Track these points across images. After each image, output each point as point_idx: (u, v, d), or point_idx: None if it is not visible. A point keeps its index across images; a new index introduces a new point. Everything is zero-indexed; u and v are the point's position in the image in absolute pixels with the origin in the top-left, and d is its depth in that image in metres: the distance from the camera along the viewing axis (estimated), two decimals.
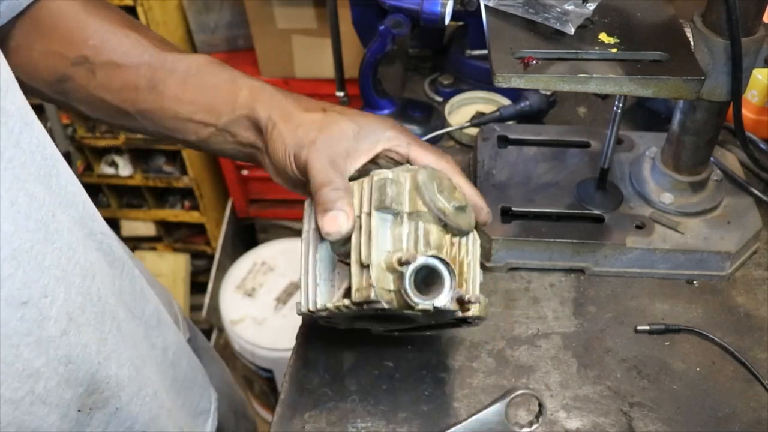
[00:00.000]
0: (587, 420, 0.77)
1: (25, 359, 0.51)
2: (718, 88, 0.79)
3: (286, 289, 1.98)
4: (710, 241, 0.89)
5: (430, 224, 0.57)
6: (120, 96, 0.69)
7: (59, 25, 0.67)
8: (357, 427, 0.77)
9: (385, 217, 0.57)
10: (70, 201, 0.57)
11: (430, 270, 0.54)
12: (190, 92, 0.69)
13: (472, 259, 0.61)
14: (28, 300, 0.50)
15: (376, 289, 0.54)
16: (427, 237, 0.56)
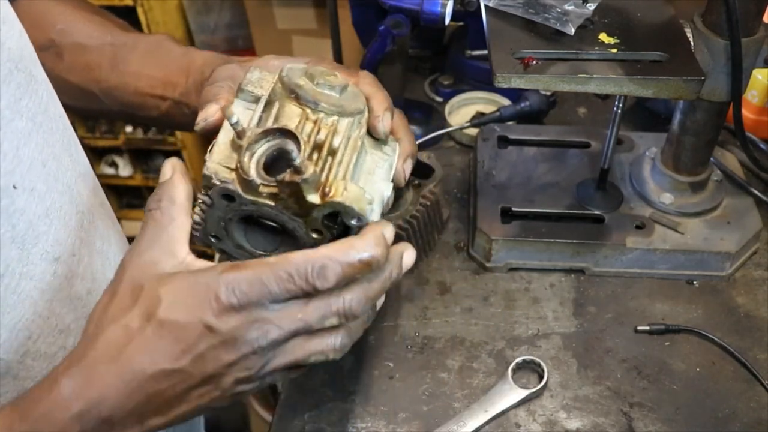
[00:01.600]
0: (587, 420, 0.77)
1: (58, 315, 0.54)
2: (718, 89, 0.79)
3: None
4: (710, 241, 0.89)
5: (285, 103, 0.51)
6: (85, 76, 0.71)
7: (28, 11, 0.68)
8: (357, 428, 0.77)
9: (245, 104, 0.54)
10: (86, 171, 0.62)
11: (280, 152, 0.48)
12: (148, 68, 0.70)
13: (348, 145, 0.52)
14: (59, 257, 0.54)
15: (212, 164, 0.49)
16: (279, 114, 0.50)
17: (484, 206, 0.94)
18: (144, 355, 0.43)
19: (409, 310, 0.88)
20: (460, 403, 0.78)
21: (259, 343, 0.44)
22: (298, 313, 0.45)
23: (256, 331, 0.44)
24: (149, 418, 0.45)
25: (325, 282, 0.44)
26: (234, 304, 0.43)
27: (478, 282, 0.91)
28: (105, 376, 0.43)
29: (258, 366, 0.46)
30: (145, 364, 0.43)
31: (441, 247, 0.96)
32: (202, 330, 0.43)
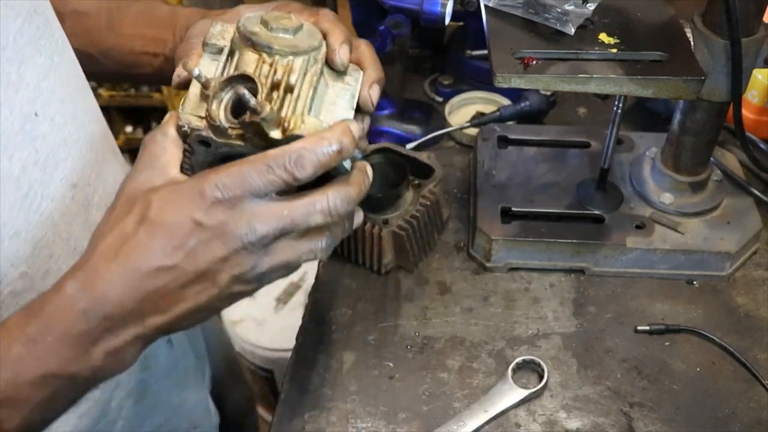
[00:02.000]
0: (587, 420, 0.77)
1: (77, 239, 0.59)
2: (718, 89, 0.79)
3: (286, 290, 1.97)
4: (710, 241, 0.89)
5: (244, 51, 0.55)
6: (85, 40, 0.75)
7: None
8: (357, 428, 0.77)
9: (212, 56, 0.58)
10: (98, 117, 0.66)
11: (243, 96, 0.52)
12: (141, 28, 0.75)
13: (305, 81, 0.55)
14: (76, 183, 0.59)
15: (184, 115, 0.53)
16: (239, 62, 0.54)
17: (484, 206, 0.94)
18: (139, 254, 0.46)
19: (409, 310, 0.88)
20: (460, 403, 0.78)
21: (249, 239, 0.47)
22: (284, 210, 0.48)
23: (244, 226, 0.46)
24: (149, 316, 0.47)
25: (303, 171, 0.47)
26: (219, 197, 0.46)
27: (478, 282, 0.91)
28: (105, 275, 0.45)
29: (250, 264, 0.48)
30: (140, 262, 0.46)
31: (441, 247, 0.96)
32: (192, 226, 0.46)
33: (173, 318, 0.48)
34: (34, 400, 0.45)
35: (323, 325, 0.87)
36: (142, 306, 0.46)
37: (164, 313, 0.47)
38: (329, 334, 0.86)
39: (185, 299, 0.47)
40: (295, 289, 1.97)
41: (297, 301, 1.94)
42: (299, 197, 0.49)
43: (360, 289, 0.91)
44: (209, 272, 0.47)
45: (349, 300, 0.90)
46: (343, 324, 0.87)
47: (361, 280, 0.92)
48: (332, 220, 0.50)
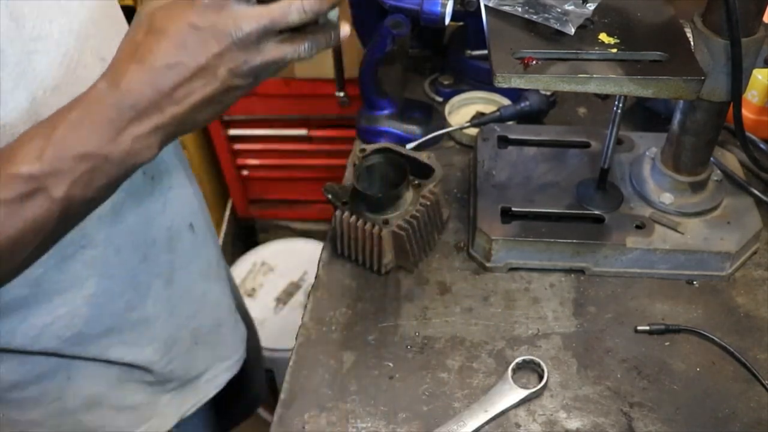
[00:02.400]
0: (587, 420, 0.77)
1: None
2: (718, 89, 0.79)
3: (286, 290, 1.98)
4: (710, 241, 0.89)
5: None
6: None
7: None
8: (357, 428, 0.77)
9: None
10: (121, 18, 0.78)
11: None
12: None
13: None
14: (105, 57, 0.68)
15: None
16: None
17: (484, 206, 0.94)
18: (150, 54, 0.54)
19: (409, 310, 0.88)
20: (460, 403, 0.78)
21: (237, 35, 0.54)
22: (264, 11, 0.55)
23: (231, 24, 0.54)
24: (166, 106, 0.55)
25: None
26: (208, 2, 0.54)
27: (478, 282, 0.91)
28: (126, 74, 0.54)
29: (242, 59, 0.55)
30: (152, 60, 0.54)
31: (441, 247, 0.96)
32: (188, 29, 0.54)
33: (187, 108, 0.56)
34: (76, 173, 0.54)
35: (323, 325, 0.87)
36: (160, 97, 0.54)
37: (179, 104, 0.55)
38: (329, 334, 0.86)
39: (194, 91, 0.55)
40: (295, 289, 1.97)
41: (297, 301, 1.94)
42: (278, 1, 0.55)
43: (360, 289, 0.91)
44: (209, 67, 0.55)
45: (349, 300, 0.90)
46: (343, 324, 0.87)
47: (361, 280, 0.92)
48: (307, 17, 0.56)
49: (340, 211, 0.90)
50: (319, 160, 2.08)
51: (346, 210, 0.90)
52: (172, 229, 0.85)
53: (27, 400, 0.79)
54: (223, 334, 0.99)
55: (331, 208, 0.93)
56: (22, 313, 0.71)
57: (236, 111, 1.97)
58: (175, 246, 0.86)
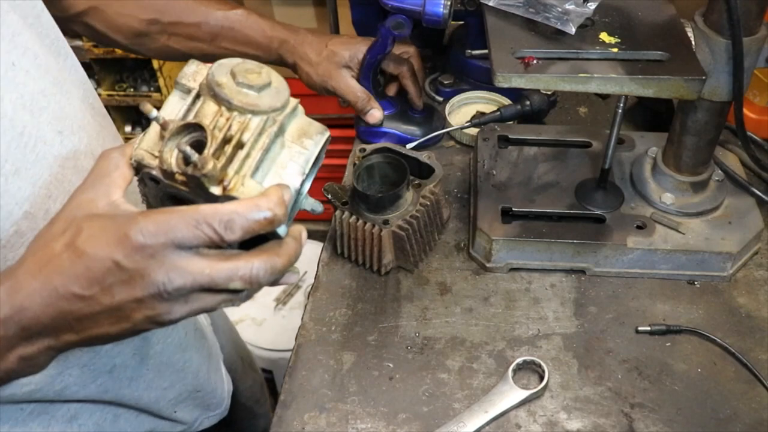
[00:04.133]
0: (588, 421, 0.76)
1: (69, 181, 0.63)
2: (720, 88, 0.79)
3: (285, 290, 1.98)
4: (711, 241, 0.89)
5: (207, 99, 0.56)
6: (188, 45, 1.01)
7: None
8: (357, 428, 0.76)
9: (180, 95, 0.59)
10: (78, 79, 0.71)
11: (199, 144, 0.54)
12: (238, 45, 1.02)
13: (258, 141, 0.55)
14: (62, 130, 0.63)
15: (139, 151, 0.55)
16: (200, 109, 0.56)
17: (485, 206, 0.93)
18: (59, 276, 0.48)
19: (409, 310, 0.88)
20: (460, 403, 0.78)
21: (165, 287, 0.48)
22: (206, 269, 0.49)
23: (161, 275, 0.48)
24: (62, 333, 0.50)
25: (232, 233, 0.49)
26: (141, 243, 0.48)
27: (478, 282, 0.91)
28: (27, 288, 0.49)
29: (164, 309, 0.50)
30: (58, 283, 0.48)
31: (441, 247, 0.96)
32: (111, 265, 0.48)
33: (85, 338, 0.50)
34: None
35: (323, 325, 0.87)
36: (57, 323, 0.49)
37: (77, 333, 0.50)
38: (329, 335, 0.86)
39: (98, 326, 0.50)
40: (294, 289, 1.97)
41: (297, 301, 1.94)
42: (224, 259, 0.50)
43: (360, 289, 0.91)
44: (124, 309, 0.49)
45: (348, 300, 0.89)
46: (342, 324, 0.87)
47: (361, 280, 0.92)
48: (251, 287, 0.51)
49: (340, 211, 0.90)
50: None
51: (346, 210, 0.90)
52: None
53: None
54: (201, 398, 0.92)
55: (330, 208, 0.92)
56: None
57: None
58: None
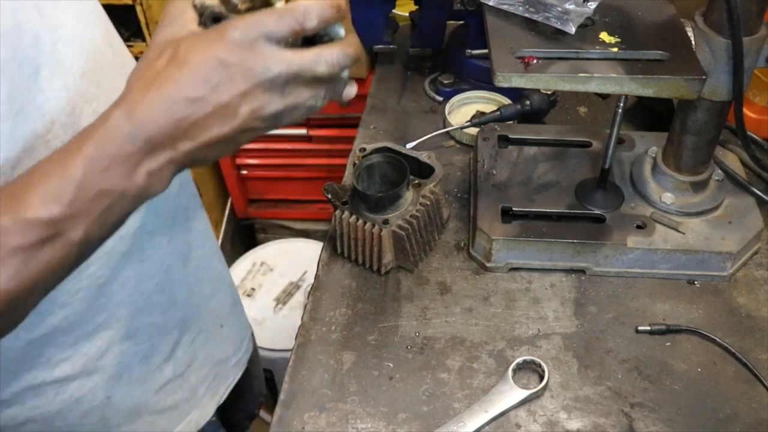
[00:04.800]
0: (588, 421, 0.76)
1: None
2: (720, 88, 0.79)
3: (285, 290, 1.97)
4: (711, 241, 0.89)
5: None
6: None
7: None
8: (357, 428, 0.76)
9: None
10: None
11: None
12: None
13: None
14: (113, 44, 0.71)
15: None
16: None
17: (485, 206, 0.93)
18: (170, 85, 0.52)
19: (409, 310, 0.88)
20: (460, 403, 0.78)
21: (265, 76, 0.53)
22: (296, 56, 0.54)
23: (261, 65, 0.53)
24: (180, 141, 0.53)
25: (310, 21, 0.54)
26: (238, 38, 0.52)
27: (478, 282, 0.91)
28: (143, 103, 0.52)
29: (265, 100, 0.54)
30: (172, 91, 0.52)
31: (441, 247, 0.96)
32: (216, 64, 0.52)
33: (200, 145, 0.54)
34: (94, 213, 0.52)
35: (323, 325, 0.87)
36: (175, 131, 0.53)
37: (193, 140, 0.54)
38: (329, 334, 0.86)
39: (211, 128, 0.54)
40: (294, 289, 1.97)
41: (297, 301, 1.93)
42: (308, 50, 0.55)
43: (360, 289, 0.91)
44: (231, 105, 0.53)
45: (348, 300, 0.89)
46: (342, 324, 0.87)
47: (361, 280, 0.92)
48: (334, 71, 0.56)
49: (339, 210, 0.90)
50: (318, 160, 2.07)
51: (345, 210, 0.90)
52: (188, 208, 0.87)
53: (70, 425, 0.79)
54: (239, 313, 1.01)
55: (330, 208, 0.92)
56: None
57: None
58: (191, 225, 0.87)
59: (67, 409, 0.77)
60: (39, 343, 0.70)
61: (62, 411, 0.77)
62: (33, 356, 0.71)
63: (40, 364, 0.72)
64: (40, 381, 0.73)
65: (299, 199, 2.24)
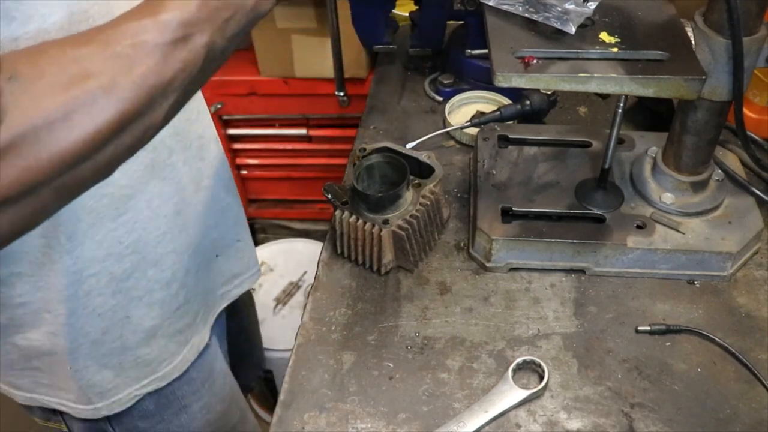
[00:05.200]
0: (588, 421, 0.76)
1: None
2: (720, 88, 0.79)
3: (285, 290, 1.97)
4: (711, 241, 0.89)
5: None
6: None
7: None
8: (357, 428, 0.76)
9: None
10: None
11: None
12: None
13: None
14: None
15: None
16: None
17: (485, 206, 0.93)
18: None
19: (409, 310, 0.88)
20: (460, 403, 0.78)
21: None
22: None
23: None
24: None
25: None
26: None
27: (478, 282, 0.91)
28: None
29: None
30: None
31: (441, 247, 0.96)
32: None
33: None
34: (218, 21, 0.57)
35: (323, 325, 0.87)
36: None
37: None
38: (329, 334, 0.86)
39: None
40: (294, 289, 1.97)
41: (296, 301, 1.93)
42: None
43: (360, 289, 0.91)
44: None
45: (348, 300, 0.89)
46: (342, 324, 0.87)
47: (361, 280, 0.92)
48: None
49: (339, 211, 0.90)
50: (318, 160, 2.07)
51: (345, 210, 0.90)
52: (203, 138, 0.91)
53: (91, 341, 0.83)
54: (240, 249, 1.05)
55: (330, 208, 0.92)
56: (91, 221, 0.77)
57: (236, 110, 1.97)
58: (204, 155, 0.92)
59: (90, 324, 0.82)
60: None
61: (85, 325, 0.82)
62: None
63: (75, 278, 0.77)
64: (71, 293, 0.78)
65: (299, 199, 2.24)
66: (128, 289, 0.84)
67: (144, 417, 0.95)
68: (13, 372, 0.87)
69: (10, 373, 0.87)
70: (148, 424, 0.96)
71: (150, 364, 0.91)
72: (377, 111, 1.22)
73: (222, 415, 1.07)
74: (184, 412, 0.99)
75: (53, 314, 0.80)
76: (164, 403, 0.96)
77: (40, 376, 0.87)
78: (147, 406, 0.95)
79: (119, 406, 0.91)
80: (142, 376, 0.91)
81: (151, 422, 0.96)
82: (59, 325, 0.81)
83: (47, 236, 0.74)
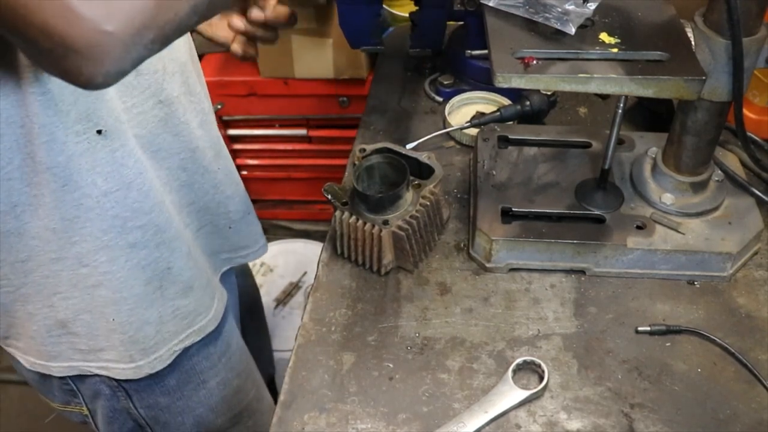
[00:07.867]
0: (588, 421, 0.76)
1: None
2: (719, 88, 0.79)
3: (285, 290, 1.97)
4: (711, 241, 0.89)
5: None
6: None
7: None
8: (357, 429, 0.76)
9: None
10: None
11: None
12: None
13: None
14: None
15: None
16: None
17: (485, 206, 0.93)
18: None
19: (409, 310, 0.88)
20: (460, 404, 0.78)
21: None
22: None
23: None
24: None
25: None
26: None
27: (478, 282, 0.91)
28: None
29: None
30: None
31: (441, 247, 0.96)
32: None
33: None
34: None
35: (323, 325, 0.87)
36: None
37: None
38: (329, 335, 0.86)
39: None
40: (294, 289, 1.97)
41: (296, 301, 1.93)
42: None
43: (360, 289, 0.91)
44: None
45: (348, 300, 0.89)
46: (342, 325, 0.87)
47: (360, 280, 0.92)
48: None
49: (339, 211, 0.90)
50: (318, 160, 2.08)
51: (345, 210, 0.90)
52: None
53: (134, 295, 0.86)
54: (250, 222, 1.08)
55: (330, 209, 0.92)
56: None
57: (236, 111, 1.97)
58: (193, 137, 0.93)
59: (134, 276, 0.85)
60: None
61: (129, 278, 0.84)
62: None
63: (116, 227, 0.80)
64: (113, 244, 0.81)
65: (299, 200, 2.25)
66: (169, 240, 0.87)
67: (166, 393, 0.98)
68: (51, 340, 0.87)
69: (48, 341, 0.87)
70: (169, 400, 0.99)
71: (187, 317, 0.93)
72: (377, 111, 1.22)
73: (238, 390, 1.09)
74: (202, 387, 1.02)
75: (91, 267, 0.81)
76: (185, 378, 0.99)
77: (77, 342, 0.88)
78: (169, 382, 0.97)
79: (160, 363, 0.93)
80: (180, 330, 0.93)
81: (172, 398, 0.99)
82: (100, 275, 0.82)
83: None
